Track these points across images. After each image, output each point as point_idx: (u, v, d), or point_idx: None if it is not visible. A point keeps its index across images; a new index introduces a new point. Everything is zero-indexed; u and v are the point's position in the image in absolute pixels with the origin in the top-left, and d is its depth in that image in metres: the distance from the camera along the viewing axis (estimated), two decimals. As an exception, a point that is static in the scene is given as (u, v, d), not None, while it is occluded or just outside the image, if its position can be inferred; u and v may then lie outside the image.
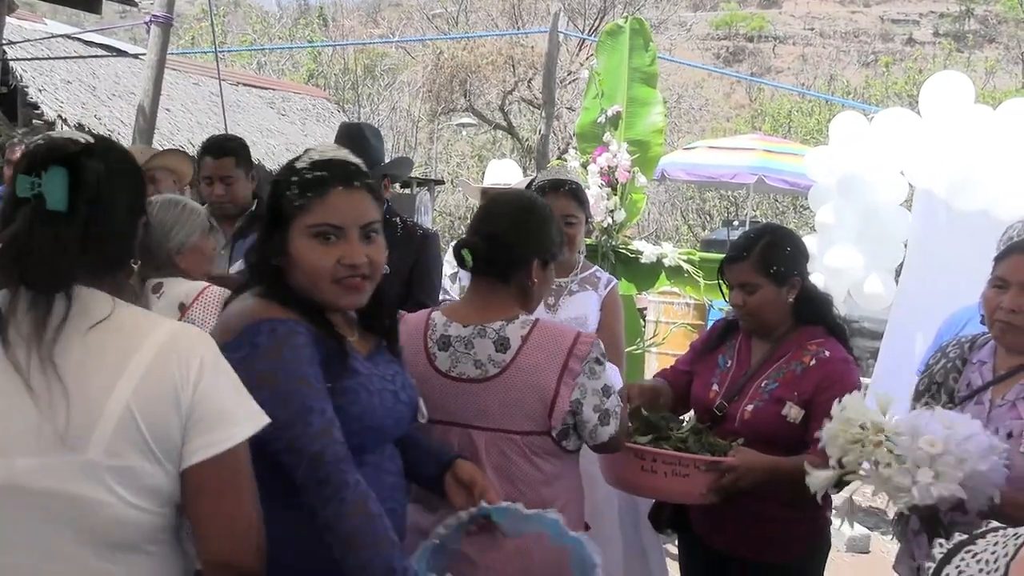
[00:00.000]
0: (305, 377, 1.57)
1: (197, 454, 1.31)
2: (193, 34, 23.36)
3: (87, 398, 1.27)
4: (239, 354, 1.54)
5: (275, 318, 1.62)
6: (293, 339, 1.60)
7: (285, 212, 1.69)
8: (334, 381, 1.62)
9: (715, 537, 2.49)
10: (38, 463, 1.25)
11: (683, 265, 4.78)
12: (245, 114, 12.38)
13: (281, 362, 1.57)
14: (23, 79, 9.27)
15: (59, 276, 1.30)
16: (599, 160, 4.78)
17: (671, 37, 24.84)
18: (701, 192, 20.37)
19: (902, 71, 28.72)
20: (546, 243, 2.08)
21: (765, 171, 10.94)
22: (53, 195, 1.31)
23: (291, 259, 1.68)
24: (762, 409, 2.38)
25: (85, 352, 1.29)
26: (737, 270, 2.46)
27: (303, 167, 1.73)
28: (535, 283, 2.06)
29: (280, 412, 1.48)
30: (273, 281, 1.70)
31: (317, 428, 1.54)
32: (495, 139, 24.39)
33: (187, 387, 1.31)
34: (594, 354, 1.99)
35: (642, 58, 4.85)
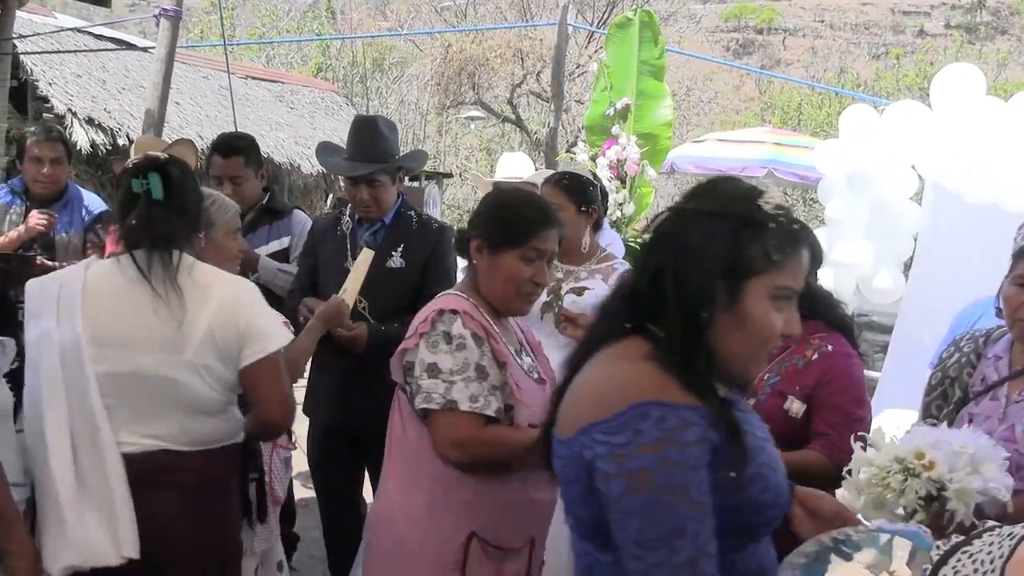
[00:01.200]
0: (685, 488, 1.30)
1: (249, 358, 2.14)
2: (202, 27, 23.40)
3: (188, 319, 2.09)
4: (619, 438, 1.32)
5: (668, 402, 1.33)
6: (683, 434, 1.31)
7: (750, 262, 1.39)
8: (738, 469, 1.35)
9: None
10: (154, 359, 2.09)
11: (692, 258, 4.78)
12: (254, 107, 12.39)
13: (661, 463, 1.29)
14: (33, 73, 9.29)
15: (172, 237, 2.15)
16: (608, 153, 4.78)
17: (680, 30, 24.73)
18: (710, 185, 20.27)
19: (913, 63, 28.56)
20: (488, 225, 2.14)
21: (775, 164, 10.90)
22: (156, 189, 2.16)
23: (735, 319, 1.39)
24: (764, 403, 2.37)
25: (191, 287, 2.11)
26: None
27: (775, 212, 1.42)
28: (475, 263, 2.14)
29: (648, 526, 1.30)
30: (694, 344, 1.37)
31: (683, 558, 1.28)
32: (503, 132, 24.35)
33: (243, 317, 2.13)
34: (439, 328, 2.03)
35: (651, 51, 4.84)
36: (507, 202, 2.22)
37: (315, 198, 12.65)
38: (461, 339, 2.01)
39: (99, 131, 9.26)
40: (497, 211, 2.17)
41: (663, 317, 1.40)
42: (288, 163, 11.47)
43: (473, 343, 2.01)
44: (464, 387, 1.98)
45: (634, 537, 1.31)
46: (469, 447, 1.98)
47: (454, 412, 1.97)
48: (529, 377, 2.14)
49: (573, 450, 1.40)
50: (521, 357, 2.18)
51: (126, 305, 2.11)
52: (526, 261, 2.11)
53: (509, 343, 2.14)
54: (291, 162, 11.53)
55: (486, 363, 2.01)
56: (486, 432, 2.00)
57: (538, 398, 2.06)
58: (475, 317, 2.05)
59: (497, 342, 2.06)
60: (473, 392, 1.98)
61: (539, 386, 2.15)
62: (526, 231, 2.11)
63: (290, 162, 11.50)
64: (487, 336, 2.04)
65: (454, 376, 1.99)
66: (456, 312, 2.04)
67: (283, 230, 3.79)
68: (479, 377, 2.00)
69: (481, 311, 2.10)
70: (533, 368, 2.20)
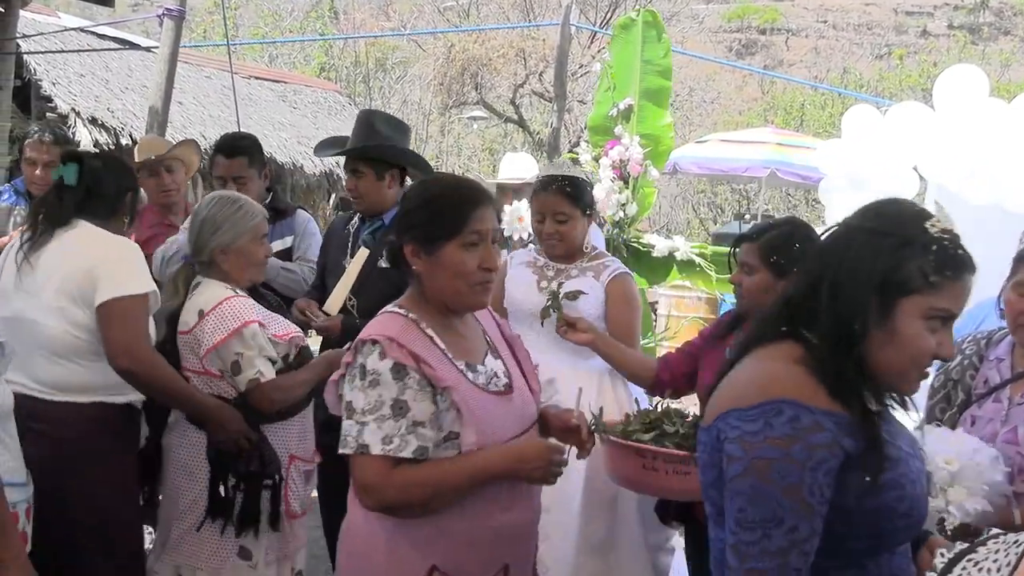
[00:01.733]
0: (798, 485, 1.37)
1: (99, 299, 2.42)
2: (205, 27, 23.41)
3: (51, 266, 2.48)
4: (751, 427, 1.41)
5: (805, 404, 1.41)
6: (812, 436, 1.38)
7: (905, 280, 1.43)
8: (873, 475, 1.41)
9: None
10: (22, 303, 2.48)
11: (695, 259, 4.77)
12: (257, 107, 12.40)
13: (783, 458, 1.38)
14: (37, 72, 9.31)
15: (68, 216, 2.59)
16: (611, 153, 4.76)
17: (683, 30, 24.72)
18: (713, 185, 20.29)
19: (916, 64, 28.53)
20: (416, 223, 1.91)
21: (777, 164, 10.89)
22: (68, 176, 2.60)
23: (887, 335, 1.43)
24: None
25: (70, 241, 2.53)
26: (745, 248, 2.51)
27: (939, 235, 1.46)
28: (415, 270, 1.91)
29: (749, 508, 1.40)
30: (844, 353, 1.44)
31: (774, 546, 1.38)
32: (506, 132, 24.34)
33: (101, 263, 2.45)
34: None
35: (655, 51, 4.82)
36: (430, 193, 1.98)
37: (318, 198, 12.66)
38: (375, 375, 1.80)
39: (102, 131, 9.28)
40: (422, 205, 1.93)
41: (817, 325, 1.47)
42: (291, 163, 11.49)
43: (390, 377, 1.79)
44: (376, 428, 1.78)
45: (735, 515, 1.41)
46: (378, 492, 1.80)
47: (365, 457, 1.79)
48: (485, 390, 1.92)
49: (711, 435, 1.50)
50: (482, 365, 1.97)
51: (11, 263, 2.56)
52: (468, 248, 1.89)
53: (460, 355, 1.92)
54: (294, 162, 11.55)
55: (408, 397, 1.80)
56: (395, 476, 1.79)
57: (499, 411, 1.91)
58: (402, 343, 1.82)
59: (432, 366, 1.82)
60: (387, 432, 1.78)
61: (501, 397, 1.95)
62: (460, 216, 1.89)
63: (293, 162, 11.52)
64: (418, 362, 1.81)
65: (366, 416, 1.79)
66: (376, 342, 1.82)
67: (285, 229, 3.80)
68: (395, 415, 1.79)
69: (423, 326, 1.89)
70: (496, 375, 1.98)
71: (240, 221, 2.63)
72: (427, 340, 1.88)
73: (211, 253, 2.61)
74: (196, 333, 2.55)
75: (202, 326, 2.53)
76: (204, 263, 2.63)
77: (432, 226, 1.89)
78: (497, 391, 1.95)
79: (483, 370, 1.95)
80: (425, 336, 1.88)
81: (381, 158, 3.34)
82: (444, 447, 1.84)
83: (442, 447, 1.84)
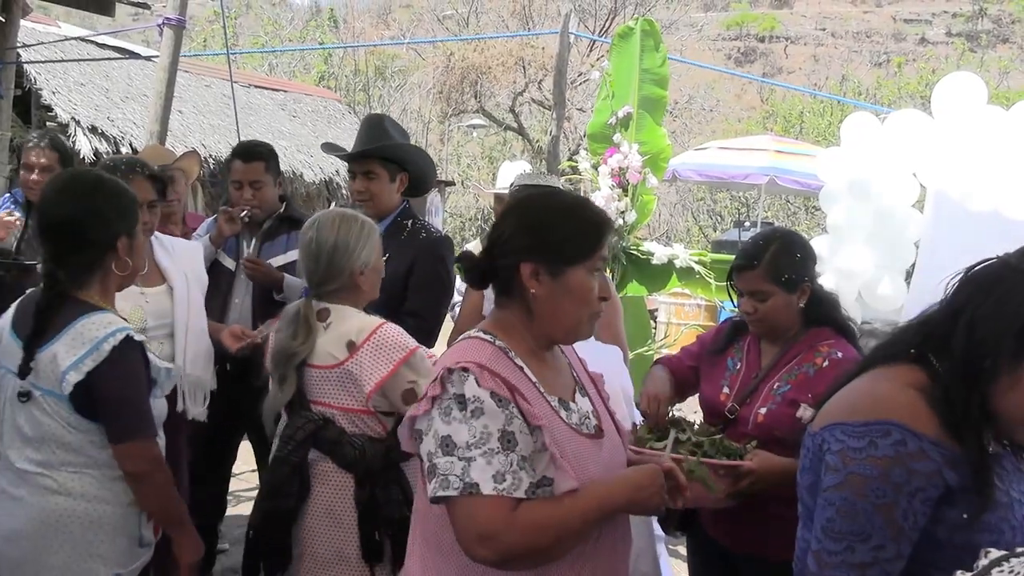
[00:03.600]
0: (890, 506, 1.39)
1: None
2: (205, 36, 23.51)
3: None
4: (856, 443, 1.44)
5: (914, 430, 1.41)
6: (914, 463, 1.39)
7: None
8: (971, 515, 1.41)
9: (725, 536, 2.49)
10: None
11: (694, 266, 4.77)
12: (257, 116, 12.43)
13: (881, 477, 1.40)
14: (37, 82, 9.33)
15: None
16: (610, 161, 4.78)
17: (682, 38, 24.80)
18: (712, 193, 20.33)
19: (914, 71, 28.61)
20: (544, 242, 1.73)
21: (777, 172, 10.93)
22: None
23: (1016, 380, 1.42)
24: (776, 412, 2.38)
25: None
26: (747, 278, 2.44)
27: None
28: (532, 293, 1.72)
29: (838, 520, 1.43)
30: (968, 388, 1.43)
31: (857, 559, 1.41)
32: (505, 140, 24.40)
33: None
34: None
35: (652, 59, 4.84)
36: (555, 210, 1.77)
37: (317, 206, 12.68)
38: (477, 402, 1.59)
39: (102, 140, 9.29)
40: (550, 223, 1.74)
41: (947, 354, 1.46)
42: (291, 171, 11.51)
43: (494, 404, 1.59)
44: (486, 464, 1.56)
45: (823, 524, 1.44)
46: (500, 540, 1.55)
47: (475, 498, 1.55)
48: (578, 432, 1.73)
49: (815, 442, 1.53)
50: (573, 403, 1.78)
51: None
52: (593, 274, 1.73)
53: (553, 391, 1.74)
54: (293, 170, 11.58)
55: (514, 428, 1.59)
56: (519, 516, 1.57)
57: (592, 457, 1.71)
58: (496, 371, 1.63)
59: (528, 400, 1.63)
60: (498, 469, 1.57)
61: (593, 441, 1.75)
62: (593, 239, 1.73)
63: (292, 170, 11.55)
64: (513, 394, 1.62)
65: (472, 450, 1.57)
66: (467, 370, 1.61)
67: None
68: (504, 448, 1.58)
69: (513, 356, 1.70)
70: (588, 417, 1.79)
71: (371, 237, 2.50)
72: (518, 370, 1.69)
73: (349, 276, 2.45)
74: (349, 367, 2.35)
75: (358, 360, 2.34)
76: (334, 290, 2.46)
77: (563, 247, 1.71)
78: (589, 434, 1.76)
79: (575, 408, 1.77)
80: (515, 366, 1.69)
81: (396, 160, 3.33)
82: (536, 494, 1.63)
83: (535, 494, 1.63)
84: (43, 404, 2.12)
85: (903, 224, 4.93)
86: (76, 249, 2.17)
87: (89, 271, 2.19)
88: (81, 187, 2.21)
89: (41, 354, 2.11)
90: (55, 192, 2.21)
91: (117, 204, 2.22)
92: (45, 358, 2.10)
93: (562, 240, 1.71)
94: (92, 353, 2.08)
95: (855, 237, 4.97)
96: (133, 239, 2.23)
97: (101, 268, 2.20)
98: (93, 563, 2.14)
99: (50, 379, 2.09)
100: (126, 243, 2.21)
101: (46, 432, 2.12)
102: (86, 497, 2.14)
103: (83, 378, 2.07)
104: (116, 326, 2.13)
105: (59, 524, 2.12)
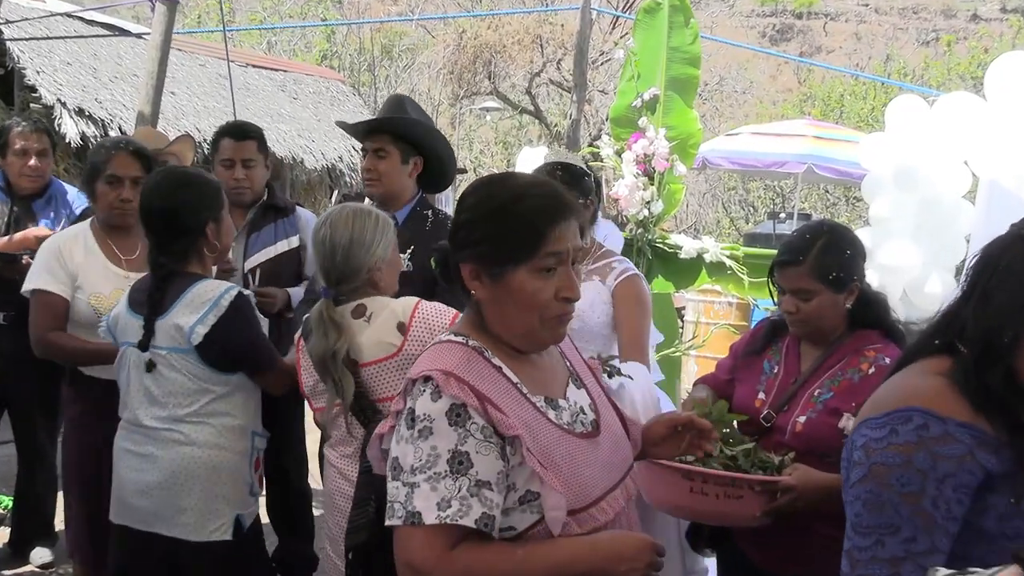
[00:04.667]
0: (918, 494, 1.40)
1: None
2: (199, 12, 23.56)
3: None
4: (877, 433, 1.47)
5: (937, 413, 1.43)
6: (940, 446, 1.40)
7: None
8: (1019, 497, 1.41)
9: (758, 554, 2.48)
10: None
11: (726, 261, 4.75)
12: (255, 97, 12.46)
13: (903, 464, 1.42)
14: (20, 60, 9.37)
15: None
16: (635, 147, 4.76)
17: (713, 14, 24.66)
18: (744, 182, 20.26)
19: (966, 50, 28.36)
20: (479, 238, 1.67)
21: (815, 159, 10.87)
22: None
23: None
24: (816, 421, 2.35)
25: None
26: (792, 275, 2.42)
27: None
28: (474, 295, 1.70)
29: (865, 514, 1.45)
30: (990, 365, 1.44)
31: (887, 554, 1.42)
32: (521, 124, 24.39)
33: None
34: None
35: (682, 37, 4.81)
36: (496, 200, 1.67)
37: (319, 194, 12.71)
38: (426, 420, 1.54)
39: (89, 122, 9.33)
40: (485, 216, 1.65)
41: (966, 335, 1.50)
42: (291, 157, 11.53)
43: (446, 423, 1.53)
44: (430, 490, 1.50)
45: (852, 520, 1.47)
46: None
47: (416, 528, 1.50)
48: (569, 432, 1.67)
49: (848, 445, 1.58)
50: (564, 400, 1.73)
51: None
52: (543, 274, 1.62)
53: (538, 389, 1.69)
54: (294, 156, 11.59)
55: (469, 447, 1.52)
56: (457, 557, 1.51)
57: (587, 458, 1.66)
58: (464, 377, 1.57)
59: (501, 409, 1.57)
60: (444, 495, 1.50)
61: (588, 440, 1.70)
62: (534, 233, 1.62)
63: (293, 156, 11.56)
64: (482, 403, 1.55)
65: (416, 475, 1.52)
66: (429, 379, 1.57)
67: (290, 228, 3.78)
68: (454, 471, 1.51)
69: (489, 355, 1.66)
70: (582, 412, 1.75)
71: (387, 230, 2.58)
72: (495, 372, 1.63)
73: (369, 272, 2.52)
74: (408, 350, 2.41)
75: (413, 339, 2.41)
76: (353, 288, 2.52)
77: (498, 244, 1.62)
78: (584, 432, 1.71)
79: (566, 405, 1.71)
80: (492, 367, 1.64)
81: (410, 139, 3.29)
82: (519, 511, 1.58)
83: (517, 511, 1.58)
84: (169, 360, 2.60)
85: (952, 216, 4.89)
86: (173, 237, 2.66)
87: (186, 254, 2.68)
88: (171, 184, 2.69)
89: (160, 323, 2.60)
90: (151, 191, 2.68)
91: (202, 194, 2.70)
92: (165, 325, 2.59)
93: (492, 236, 1.63)
94: (213, 309, 2.57)
95: (900, 230, 4.94)
96: (220, 223, 2.73)
97: (195, 250, 2.70)
98: (219, 504, 2.64)
99: (174, 339, 2.58)
100: (214, 228, 2.70)
101: (172, 386, 2.62)
102: (208, 445, 2.63)
103: (208, 330, 2.55)
104: (226, 286, 2.64)
105: (188, 471, 2.61)
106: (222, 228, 2.74)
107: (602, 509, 1.66)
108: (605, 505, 1.67)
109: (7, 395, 4.09)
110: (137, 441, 2.66)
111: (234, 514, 2.67)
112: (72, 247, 3.23)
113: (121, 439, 2.72)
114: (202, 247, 2.70)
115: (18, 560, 4.26)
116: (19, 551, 4.27)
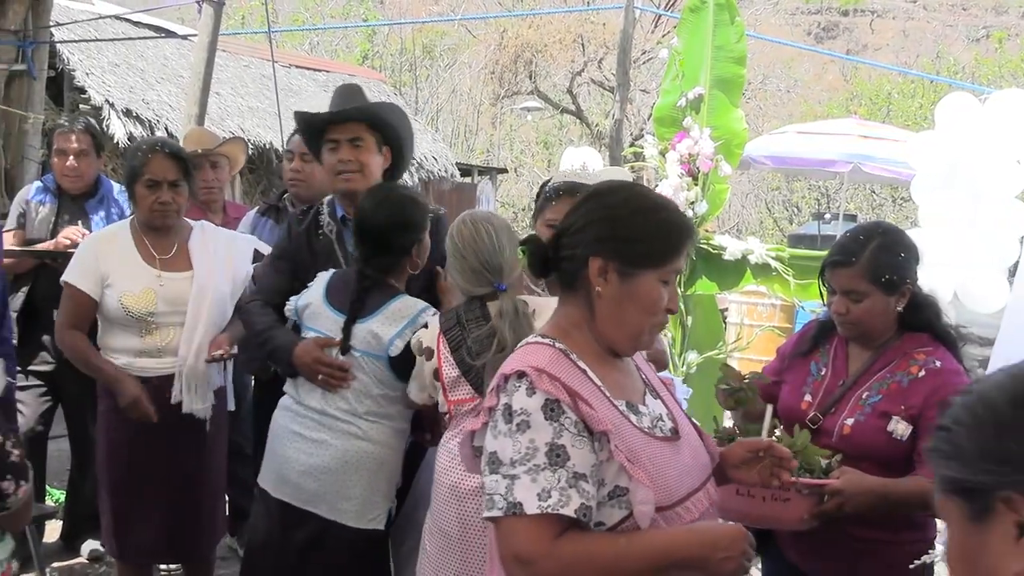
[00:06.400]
0: None
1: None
2: (243, 13, 23.84)
3: None
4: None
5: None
6: None
7: None
8: None
9: (802, 558, 2.47)
10: None
11: (771, 262, 4.72)
12: (298, 98, 12.56)
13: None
14: (70, 62, 9.54)
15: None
16: (679, 147, 4.74)
17: (756, 12, 24.42)
18: (789, 182, 20.09)
19: (1017, 47, 27.85)
20: (618, 238, 1.73)
21: (861, 159, 10.72)
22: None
23: None
24: (864, 424, 2.34)
25: None
26: (843, 276, 2.40)
27: None
28: (598, 291, 1.72)
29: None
30: None
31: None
32: (562, 124, 24.38)
33: None
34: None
35: (727, 35, 4.79)
36: (636, 206, 1.76)
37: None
38: (523, 415, 1.59)
39: (136, 123, 9.48)
40: (628, 219, 1.73)
41: None
42: (333, 157, 11.62)
43: (542, 417, 1.58)
44: (530, 481, 1.55)
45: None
46: (538, 567, 1.55)
47: (519, 519, 1.55)
48: (652, 436, 1.71)
49: None
50: (643, 406, 1.77)
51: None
52: (664, 284, 1.73)
53: (620, 394, 1.73)
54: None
55: (565, 441, 1.57)
56: (563, 546, 1.55)
57: (669, 461, 1.70)
58: (555, 374, 1.62)
59: (591, 405, 1.62)
60: (544, 486, 1.55)
61: (670, 444, 1.74)
62: (672, 245, 1.72)
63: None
64: (573, 399, 1.60)
65: (516, 467, 1.57)
66: (523, 375, 1.62)
67: None
68: (552, 464, 1.56)
69: (576, 358, 1.70)
70: (661, 419, 1.79)
71: (514, 237, 2.71)
72: (581, 375, 1.67)
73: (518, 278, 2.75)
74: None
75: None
76: (511, 283, 2.68)
77: (637, 247, 1.71)
78: (664, 436, 1.75)
79: (646, 411, 1.76)
80: (577, 369, 1.68)
81: (382, 127, 3.15)
82: (608, 506, 1.62)
83: (607, 506, 1.62)
84: (361, 362, 2.83)
85: (1005, 217, 4.82)
86: (384, 253, 2.89)
87: (390, 269, 2.90)
88: (391, 205, 2.89)
89: (358, 327, 2.83)
90: (372, 207, 2.89)
91: (416, 217, 2.92)
92: (362, 330, 2.83)
93: (639, 239, 1.71)
94: (411, 325, 2.81)
95: (951, 231, 4.88)
96: (421, 242, 2.95)
97: (399, 266, 2.93)
98: (377, 497, 2.87)
99: (370, 344, 2.82)
100: (418, 248, 2.94)
101: (358, 385, 2.83)
102: (379, 443, 2.86)
103: (406, 344, 2.77)
104: (423, 304, 2.88)
105: (359, 462, 2.83)
106: (422, 247, 2.96)
107: (687, 508, 1.70)
108: (690, 505, 1.71)
109: (61, 390, 4.18)
110: (309, 427, 2.87)
111: (388, 506, 2.91)
112: (108, 246, 3.29)
113: (289, 420, 2.93)
114: (405, 264, 2.93)
115: (69, 553, 4.36)
116: (70, 544, 4.37)
